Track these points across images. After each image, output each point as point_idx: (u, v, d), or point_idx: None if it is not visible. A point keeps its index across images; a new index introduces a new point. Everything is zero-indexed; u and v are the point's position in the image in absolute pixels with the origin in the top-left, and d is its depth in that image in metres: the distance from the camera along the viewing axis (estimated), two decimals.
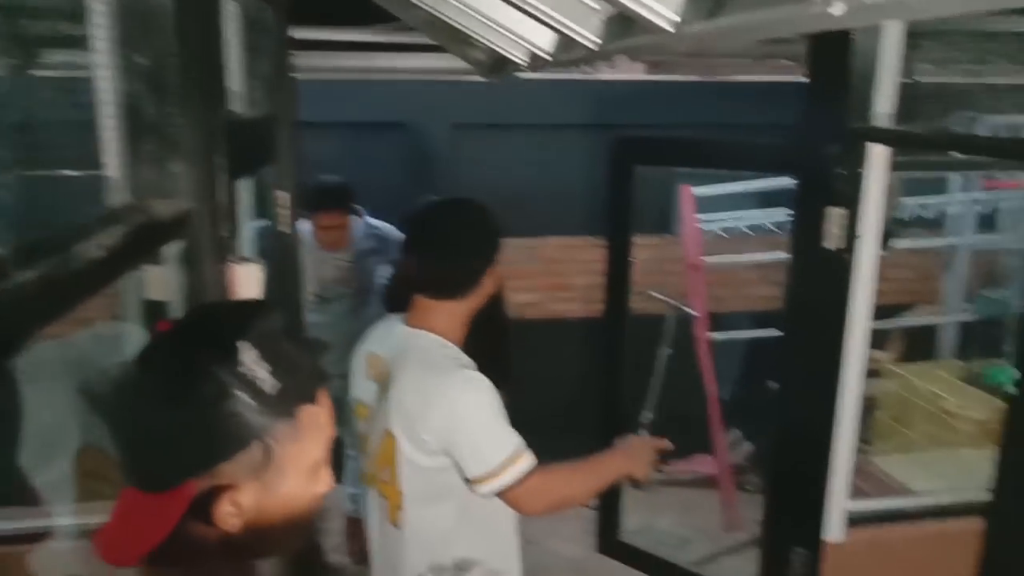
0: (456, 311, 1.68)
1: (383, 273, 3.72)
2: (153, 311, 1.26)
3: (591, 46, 1.58)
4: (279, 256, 2.19)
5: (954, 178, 4.02)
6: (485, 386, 1.60)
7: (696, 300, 3.88)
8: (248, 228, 2.05)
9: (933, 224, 4.08)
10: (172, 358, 0.78)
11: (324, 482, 0.90)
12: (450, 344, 1.67)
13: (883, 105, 2.24)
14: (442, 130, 4.17)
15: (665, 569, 2.87)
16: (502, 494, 1.59)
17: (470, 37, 2.74)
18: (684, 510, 4.02)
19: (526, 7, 1.52)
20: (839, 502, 2.47)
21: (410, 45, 3.28)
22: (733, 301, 4.57)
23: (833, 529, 2.48)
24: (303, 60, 2.79)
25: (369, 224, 3.61)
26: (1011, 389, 1.63)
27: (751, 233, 4.26)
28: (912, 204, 3.94)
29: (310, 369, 0.87)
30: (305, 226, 3.24)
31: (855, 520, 2.52)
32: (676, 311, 3.97)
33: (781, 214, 4.17)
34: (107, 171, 1.23)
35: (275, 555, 0.92)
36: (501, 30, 2.00)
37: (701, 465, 4.21)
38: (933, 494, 2.66)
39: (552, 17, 1.54)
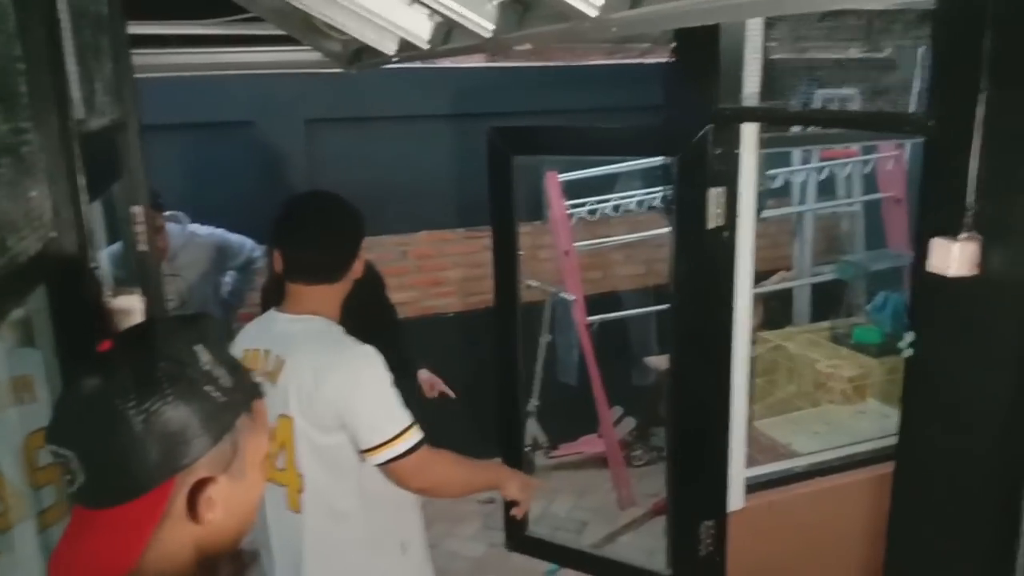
0: (333, 295, 1.81)
1: (227, 279, 3.47)
2: None
3: (484, 34, 1.49)
4: (142, 281, 1.96)
5: (795, 151, 4.25)
6: (380, 360, 1.71)
7: (572, 284, 3.90)
8: (104, 254, 1.82)
9: (779, 194, 4.31)
10: (138, 365, 0.80)
11: (264, 478, 0.94)
12: (334, 323, 1.79)
13: (751, 85, 2.30)
14: (295, 127, 3.92)
15: (574, 557, 2.87)
16: (390, 464, 1.67)
17: (328, 27, 2.57)
18: (578, 493, 4.05)
19: None
20: (738, 471, 2.55)
21: (257, 37, 3.05)
22: (603, 282, 4.64)
23: (734, 498, 2.56)
24: (137, 58, 2.52)
25: (190, 233, 3.35)
26: (907, 351, 1.70)
27: (614, 214, 4.33)
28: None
29: (244, 366, 0.91)
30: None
31: (751, 486, 2.62)
32: (554, 297, 3.98)
33: (643, 194, 4.27)
34: None
35: (229, 552, 0.92)
36: (372, 18, 1.87)
37: (589, 446, 4.26)
38: (817, 453, 2.80)
39: (439, 2, 1.44)
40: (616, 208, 4.19)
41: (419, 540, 1.93)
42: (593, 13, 1.04)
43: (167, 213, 3.23)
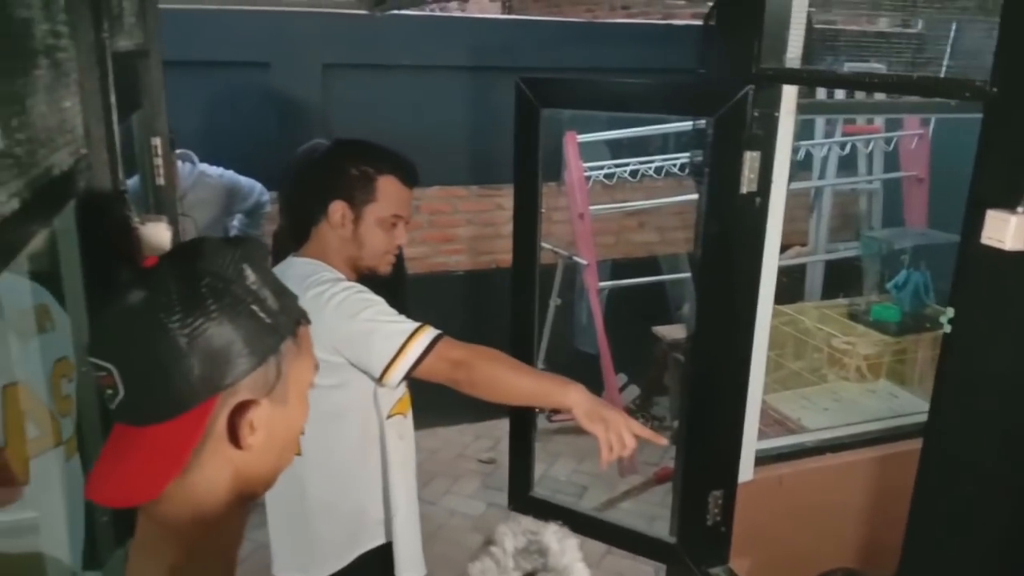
0: (324, 239, 1.71)
1: (236, 221, 3.41)
2: None
3: None
4: (161, 213, 1.89)
5: (818, 124, 4.18)
6: (364, 288, 1.62)
7: (584, 249, 3.84)
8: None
9: (798, 167, 4.24)
10: (183, 280, 0.76)
11: (307, 409, 0.91)
12: (331, 269, 1.68)
13: (795, 48, 2.23)
14: (312, 71, 3.82)
15: (579, 520, 2.84)
16: (418, 371, 1.55)
17: None
18: (578, 458, 4.04)
19: None
20: (750, 442, 2.52)
21: None
22: (615, 248, 4.59)
23: (744, 469, 2.53)
24: None
25: (201, 172, 3.28)
26: (946, 327, 1.65)
27: (632, 179, 4.27)
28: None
29: (293, 293, 0.88)
30: None
31: (760, 459, 2.59)
32: (566, 260, 3.92)
33: (662, 159, 4.20)
34: None
35: (267, 486, 0.88)
36: None
37: None
38: (827, 430, 2.78)
39: None
40: (634, 173, 4.13)
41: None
42: None
43: (178, 151, 3.15)
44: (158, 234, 1.20)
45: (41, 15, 0.87)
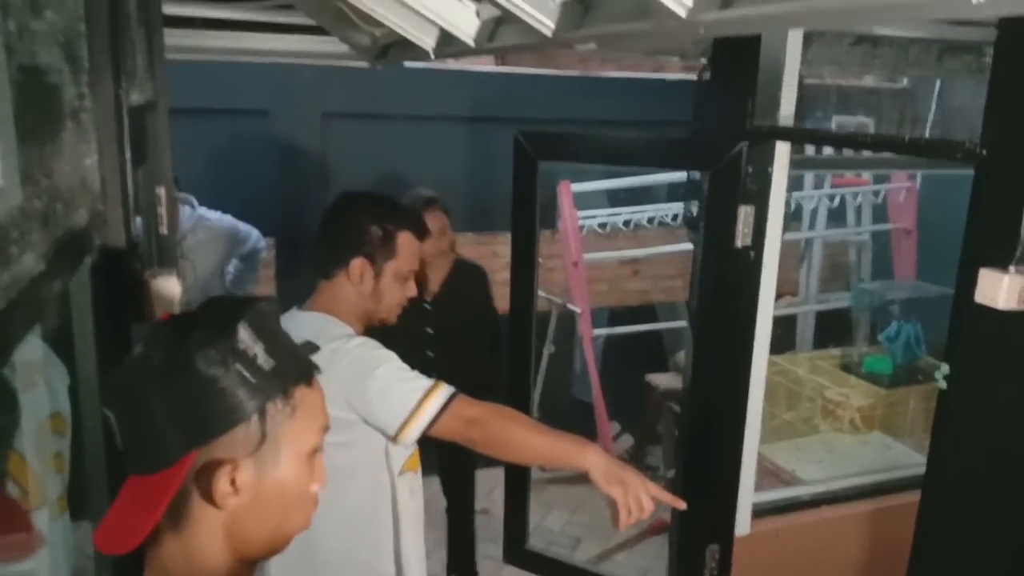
0: (333, 291, 1.70)
1: (231, 267, 3.42)
2: None
3: (544, 32, 1.45)
4: (163, 265, 1.89)
5: (807, 176, 4.26)
6: (378, 344, 1.62)
7: (578, 296, 3.86)
8: None
9: (789, 218, 4.30)
10: (171, 338, 0.79)
11: (319, 476, 0.90)
12: (341, 323, 1.68)
13: (787, 105, 2.28)
14: (311, 119, 3.87)
15: (571, 572, 2.82)
16: (433, 430, 1.54)
17: (360, 18, 2.53)
18: (572, 508, 4.00)
19: None
20: (747, 495, 2.52)
21: (280, 25, 3.00)
22: (608, 296, 4.62)
23: (741, 522, 2.52)
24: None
25: (200, 216, 3.30)
26: (941, 382, 1.67)
27: (624, 228, 4.32)
28: None
29: (303, 353, 0.89)
30: None
31: (756, 512, 2.58)
32: (560, 308, 3.94)
33: (654, 209, 4.26)
34: None
35: (270, 549, 0.87)
36: (420, 10, 1.83)
37: None
38: (823, 482, 2.77)
39: None
40: (627, 222, 4.18)
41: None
42: (682, 13, 1.01)
43: (179, 195, 3.17)
44: (168, 288, 1.20)
45: (70, 79, 0.89)
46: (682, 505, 1.61)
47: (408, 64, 3.03)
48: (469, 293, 2.94)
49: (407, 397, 1.54)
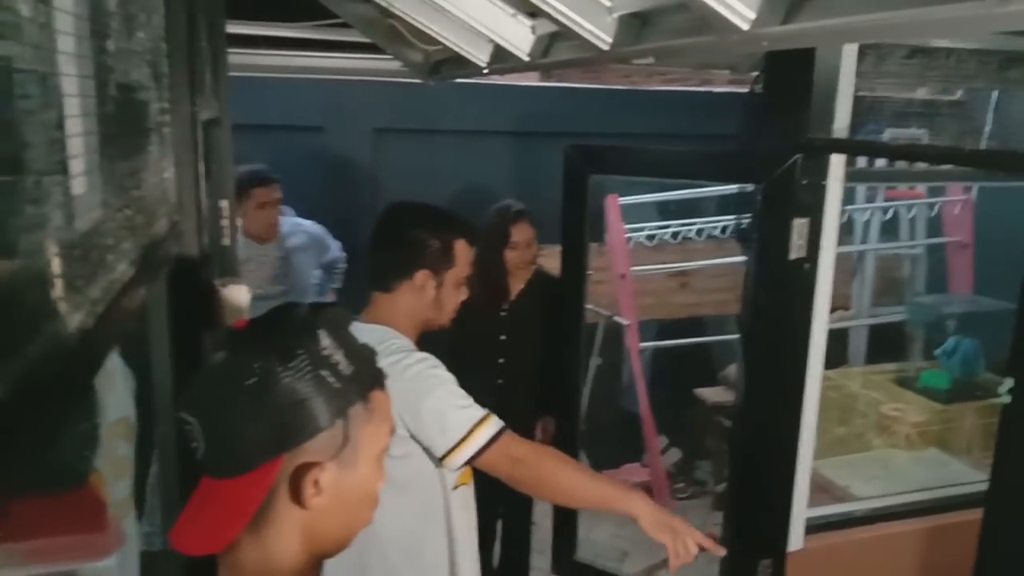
0: (393, 304, 1.71)
1: (315, 274, 3.52)
2: None
3: (601, 46, 1.47)
4: (224, 275, 1.95)
5: (860, 189, 4.19)
6: (438, 363, 1.62)
7: (626, 309, 3.86)
8: None
9: (842, 231, 4.24)
10: (256, 345, 0.81)
11: (384, 476, 0.93)
12: (401, 336, 1.68)
13: (842, 117, 2.27)
14: (363, 135, 3.95)
15: None
16: (477, 460, 1.56)
17: (414, 35, 2.59)
18: (619, 522, 3.97)
19: None
20: (800, 510, 2.48)
21: (335, 43, 3.08)
22: (654, 309, 4.59)
23: (794, 538, 2.49)
24: None
25: (295, 222, 3.42)
26: (1005, 397, 1.64)
27: (672, 241, 4.30)
28: None
29: (375, 358, 0.92)
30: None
31: (810, 527, 2.54)
32: (607, 320, 3.94)
33: (703, 222, 4.24)
34: (73, 178, 1.01)
35: (340, 546, 0.91)
36: (475, 25, 1.87)
37: (631, 474, 4.19)
38: (878, 498, 2.72)
39: (557, 9, 1.42)
40: (675, 235, 4.16)
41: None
42: (745, 26, 1.01)
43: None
44: (238, 296, 1.24)
45: (155, 95, 0.93)
46: (722, 552, 1.61)
47: (457, 80, 3.07)
48: (544, 304, 2.97)
49: (460, 424, 1.56)
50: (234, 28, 2.69)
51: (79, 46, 0.72)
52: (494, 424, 1.58)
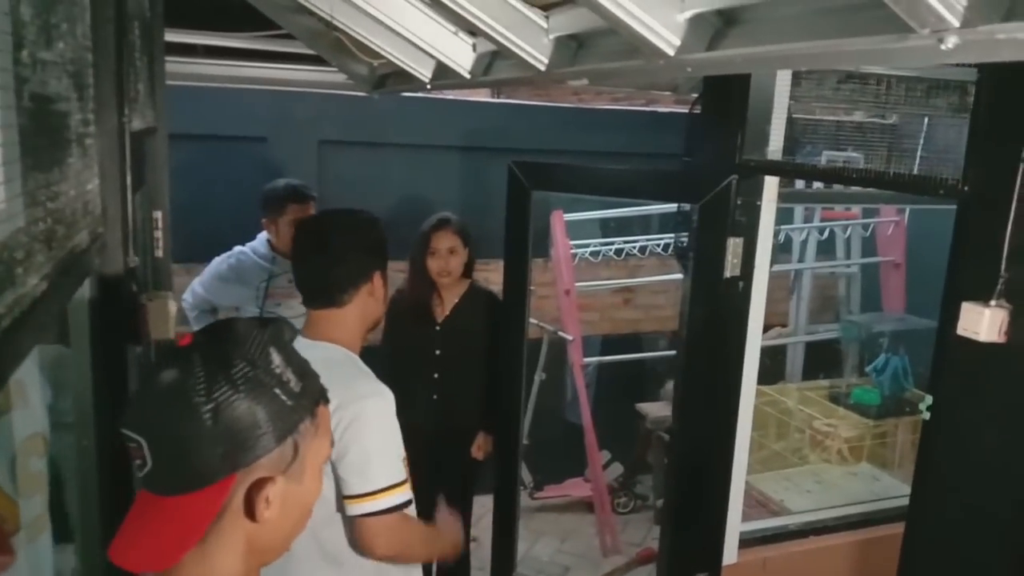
0: (344, 320, 1.66)
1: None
2: None
3: (538, 67, 1.49)
4: (159, 287, 1.92)
5: (797, 208, 4.31)
6: (390, 404, 1.59)
7: (570, 324, 3.89)
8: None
9: (779, 250, 4.35)
10: (211, 362, 0.81)
11: (322, 483, 0.95)
12: (353, 355, 1.65)
13: (776, 140, 2.33)
14: (308, 146, 3.92)
15: None
16: (367, 519, 1.54)
17: (360, 49, 2.58)
18: (561, 536, 3.99)
19: (465, 13, 1.40)
20: (734, 524, 2.53)
21: (280, 54, 3.05)
22: (599, 324, 4.64)
23: (728, 551, 2.53)
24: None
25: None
26: (925, 414, 1.70)
27: (616, 258, 4.35)
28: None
29: (316, 373, 0.93)
30: (255, 243, 3.08)
31: (744, 541, 2.59)
32: (551, 335, 3.96)
33: (646, 239, 4.30)
34: None
35: (279, 555, 0.93)
36: (417, 42, 1.88)
37: (574, 489, 4.21)
38: (810, 512, 2.78)
39: (494, 29, 1.44)
40: (619, 251, 4.22)
41: None
42: (671, 52, 1.04)
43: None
44: (164, 309, 1.22)
45: (77, 106, 0.92)
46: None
47: (405, 94, 3.08)
48: (479, 318, 2.96)
49: (376, 477, 1.54)
50: (175, 37, 2.66)
51: None
52: (403, 493, 1.57)
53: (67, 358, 1.11)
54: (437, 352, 2.94)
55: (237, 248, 3.15)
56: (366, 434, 1.53)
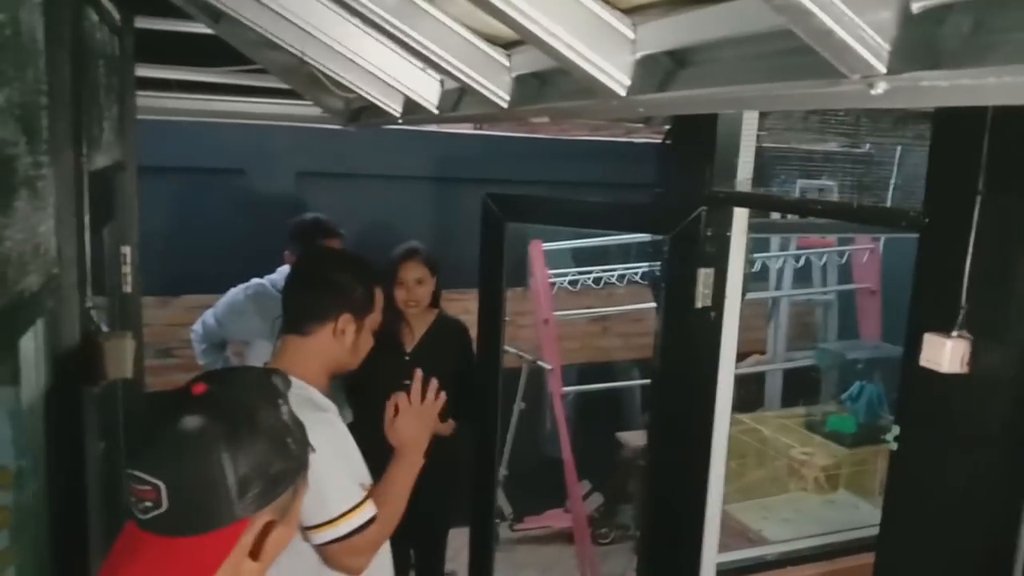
0: (308, 350, 1.68)
1: None
2: None
3: (501, 103, 1.51)
4: (126, 324, 1.91)
5: (773, 237, 4.35)
6: (337, 428, 1.61)
7: (549, 353, 3.89)
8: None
9: (755, 278, 4.37)
10: (231, 412, 0.87)
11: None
12: (308, 386, 1.65)
13: (744, 171, 2.36)
14: (286, 178, 3.92)
15: None
16: (334, 544, 1.54)
17: (333, 83, 2.60)
18: (542, 569, 3.96)
19: (429, 53, 1.42)
20: (711, 556, 2.51)
21: (256, 88, 3.07)
22: (578, 353, 4.64)
23: None
24: (138, 100, 2.51)
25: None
26: (892, 444, 1.71)
27: (595, 286, 4.37)
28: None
29: (302, 423, 0.97)
30: (274, 276, 3.09)
31: (721, 572, 2.57)
32: (530, 365, 3.96)
33: (624, 268, 4.32)
34: None
35: None
36: (383, 77, 1.89)
37: (555, 520, 4.18)
38: (789, 542, 2.77)
39: (457, 68, 1.46)
40: (597, 280, 4.23)
41: None
42: (622, 92, 1.06)
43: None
44: (122, 349, 1.22)
45: (25, 149, 0.92)
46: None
47: (388, 126, 3.10)
48: (448, 348, 2.95)
49: (333, 503, 1.54)
50: (148, 72, 2.66)
51: None
52: (366, 511, 1.58)
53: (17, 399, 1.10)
54: (407, 383, 2.92)
55: (255, 280, 3.14)
56: (318, 463, 1.52)
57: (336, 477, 1.56)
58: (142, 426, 0.90)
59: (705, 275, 2.31)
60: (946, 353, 1.53)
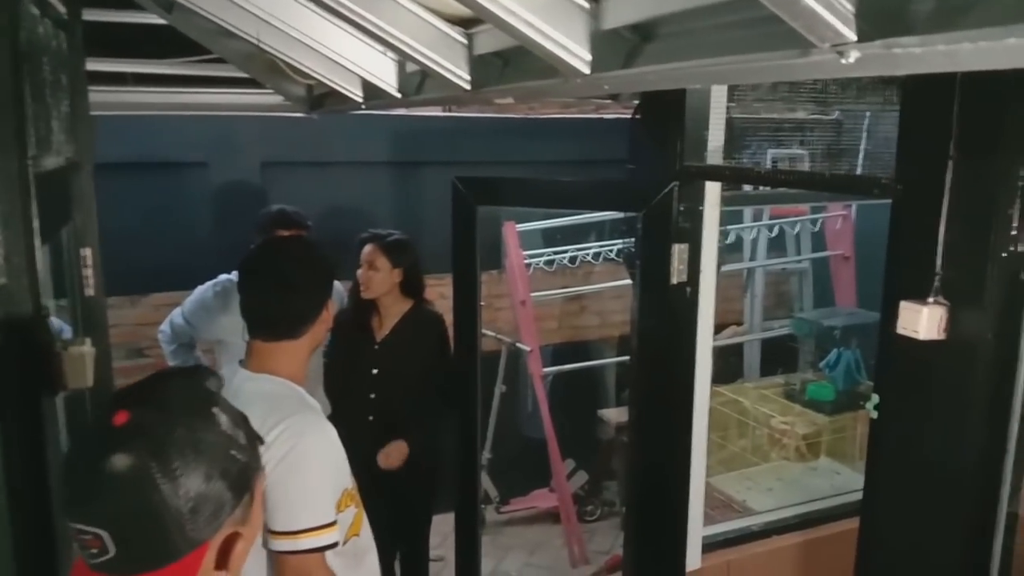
0: (295, 351, 1.63)
1: None
2: None
3: (463, 85, 1.47)
4: (89, 328, 1.86)
5: (747, 208, 4.34)
6: (328, 439, 1.55)
7: (527, 335, 3.87)
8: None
9: (730, 250, 4.38)
10: (162, 438, 0.79)
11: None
12: (298, 388, 1.62)
13: (715, 144, 2.34)
14: (251, 169, 3.84)
15: None
16: (287, 557, 1.49)
17: (293, 71, 2.54)
18: (529, 549, 3.96)
19: (384, 34, 1.37)
20: (696, 529, 2.52)
21: (216, 79, 2.99)
22: (557, 333, 4.63)
23: (691, 557, 2.52)
24: (93, 95, 2.43)
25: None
26: (872, 412, 1.71)
27: (571, 265, 4.35)
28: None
29: (245, 416, 0.92)
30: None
31: (707, 545, 2.59)
32: (509, 347, 3.94)
33: (599, 246, 4.31)
34: None
35: None
36: (342, 62, 1.84)
37: (541, 500, 4.19)
38: (773, 511, 2.79)
39: (415, 49, 1.42)
40: (573, 259, 4.21)
41: None
42: (586, 70, 1.03)
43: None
44: (81, 357, 1.17)
45: None
46: None
47: (353, 112, 3.04)
48: (420, 339, 2.92)
49: (302, 515, 1.49)
50: (101, 66, 2.58)
51: None
52: (329, 536, 1.52)
53: None
54: (374, 371, 2.89)
55: (223, 276, 3.03)
56: (300, 471, 1.48)
57: (315, 491, 1.51)
58: (69, 471, 0.82)
59: (680, 251, 2.30)
60: (923, 320, 1.53)
